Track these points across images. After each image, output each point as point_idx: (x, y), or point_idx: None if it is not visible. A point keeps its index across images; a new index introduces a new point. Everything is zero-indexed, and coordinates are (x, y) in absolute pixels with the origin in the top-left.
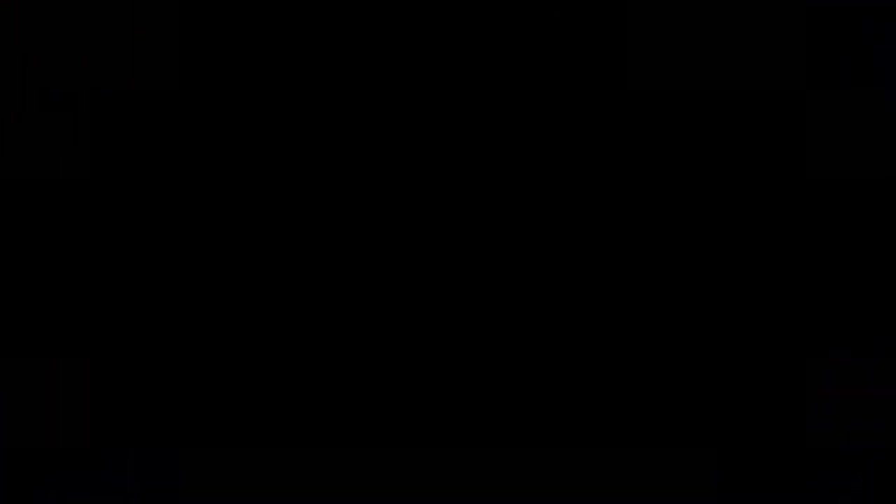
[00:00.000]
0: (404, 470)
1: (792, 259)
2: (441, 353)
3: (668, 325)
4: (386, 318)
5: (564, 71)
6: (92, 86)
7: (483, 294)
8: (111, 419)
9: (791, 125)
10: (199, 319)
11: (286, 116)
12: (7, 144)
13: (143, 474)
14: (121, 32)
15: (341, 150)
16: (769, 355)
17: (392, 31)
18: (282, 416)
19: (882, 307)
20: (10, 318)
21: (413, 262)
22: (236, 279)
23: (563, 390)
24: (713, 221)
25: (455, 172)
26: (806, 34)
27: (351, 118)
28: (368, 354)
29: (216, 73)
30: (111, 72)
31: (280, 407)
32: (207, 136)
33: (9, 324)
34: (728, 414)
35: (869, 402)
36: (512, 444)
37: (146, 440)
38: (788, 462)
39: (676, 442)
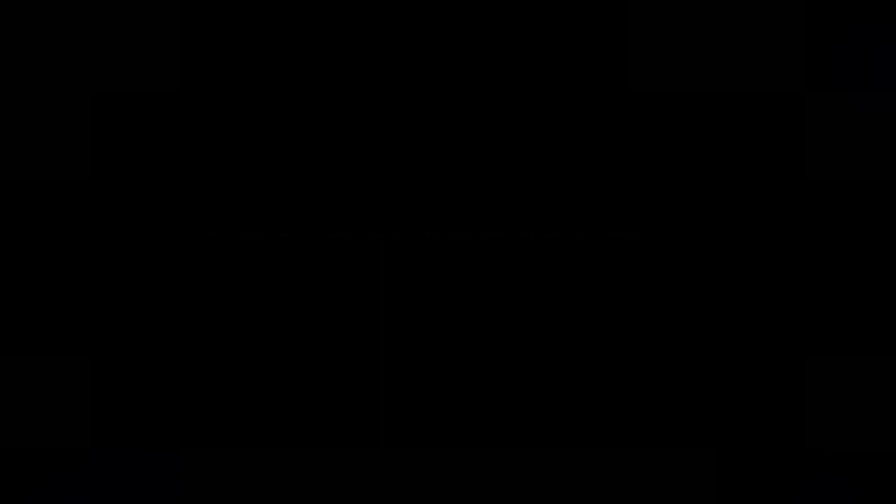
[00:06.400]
0: (404, 470)
1: (792, 259)
2: (440, 351)
3: (669, 325)
4: (385, 317)
5: (564, 71)
6: (92, 86)
7: (482, 292)
8: (111, 419)
9: (791, 125)
10: (198, 319)
11: (286, 117)
12: (7, 144)
13: (143, 474)
14: (121, 32)
15: (341, 149)
16: (769, 355)
17: (392, 30)
18: (282, 416)
19: (882, 307)
20: (10, 317)
21: (411, 261)
22: (236, 278)
23: (563, 390)
24: (713, 221)
25: (454, 172)
26: (806, 34)
27: (352, 118)
28: (367, 354)
29: (216, 73)
30: (111, 72)
31: (280, 407)
32: (207, 136)
33: (9, 324)
34: (728, 414)
35: (869, 402)
36: (512, 444)
37: (146, 440)
38: (788, 462)
39: (676, 442)
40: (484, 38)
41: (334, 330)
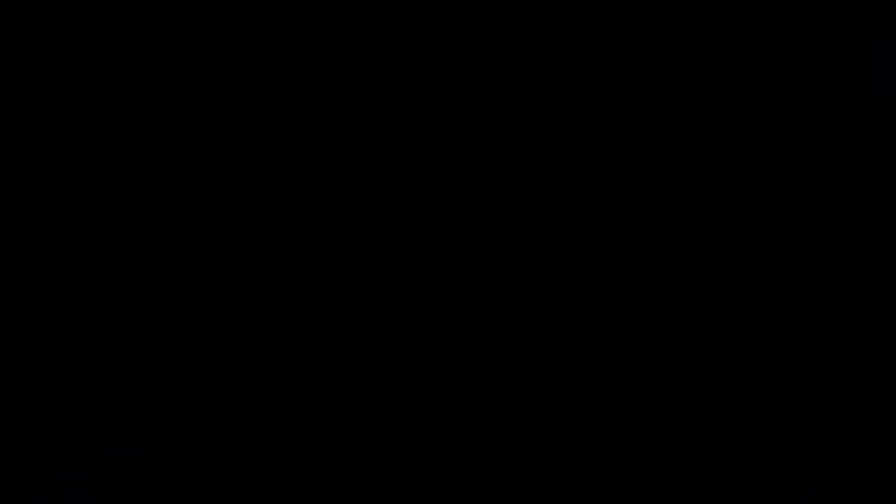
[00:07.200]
0: (404, 470)
1: (792, 259)
2: (440, 351)
3: (669, 326)
4: (385, 317)
5: (564, 71)
6: (92, 86)
7: (482, 292)
8: (111, 419)
9: (791, 125)
10: (198, 319)
11: (287, 117)
12: (7, 144)
13: (143, 474)
14: (121, 32)
15: (341, 149)
16: (769, 356)
17: (392, 30)
18: (282, 416)
19: (882, 307)
20: (10, 317)
21: (411, 261)
22: (236, 278)
23: (563, 390)
24: (712, 222)
25: (454, 172)
26: (806, 34)
27: (352, 118)
28: (367, 354)
29: (216, 73)
30: (111, 72)
31: (280, 407)
32: (207, 136)
33: (9, 324)
34: (728, 414)
35: (869, 402)
36: (512, 444)
37: (146, 440)
38: (788, 462)
39: (676, 442)
40: (484, 38)
41: (334, 330)
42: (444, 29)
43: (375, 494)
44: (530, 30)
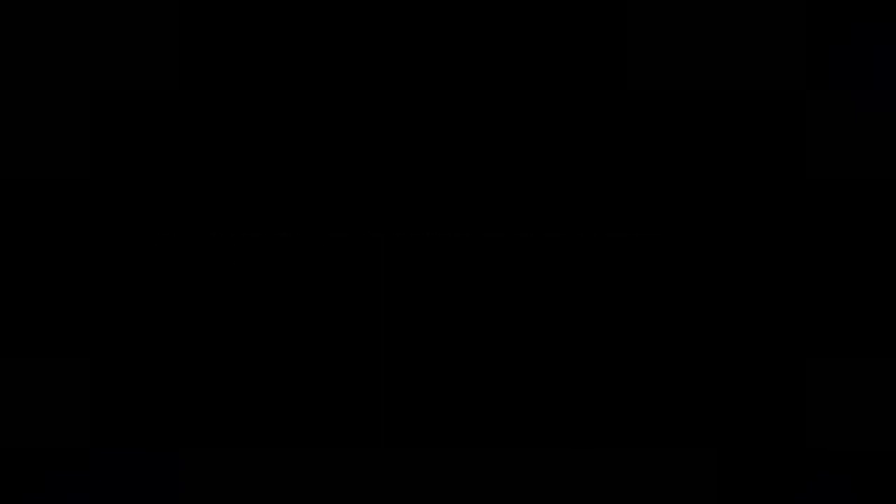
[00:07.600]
0: (404, 470)
1: (792, 259)
2: (440, 351)
3: (669, 326)
4: (385, 317)
5: (564, 71)
6: (92, 86)
7: (482, 292)
8: (111, 419)
9: (791, 125)
10: (198, 319)
11: (287, 117)
12: (7, 144)
13: (143, 474)
14: (121, 32)
15: (341, 149)
16: (769, 356)
17: (392, 30)
18: (282, 416)
19: (882, 307)
20: (10, 317)
21: (411, 261)
22: (236, 278)
23: (563, 390)
24: (712, 222)
25: (454, 172)
26: (806, 34)
27: (352, 117)
28: (367, 354)
29: (216, 73)
30: (111, 72)
31: (280, 407)
32: (207, 136)
33: (9, 324)
34: (728, 414)
35: (869, 402)
36: (512, 444)
37: (146, 440)
38: (788, 462)
39: (676, 442)
40: (484, 38)
41: (334, 330)
42: (444, 29)
43: (375, 494)
44: (530, 30)
